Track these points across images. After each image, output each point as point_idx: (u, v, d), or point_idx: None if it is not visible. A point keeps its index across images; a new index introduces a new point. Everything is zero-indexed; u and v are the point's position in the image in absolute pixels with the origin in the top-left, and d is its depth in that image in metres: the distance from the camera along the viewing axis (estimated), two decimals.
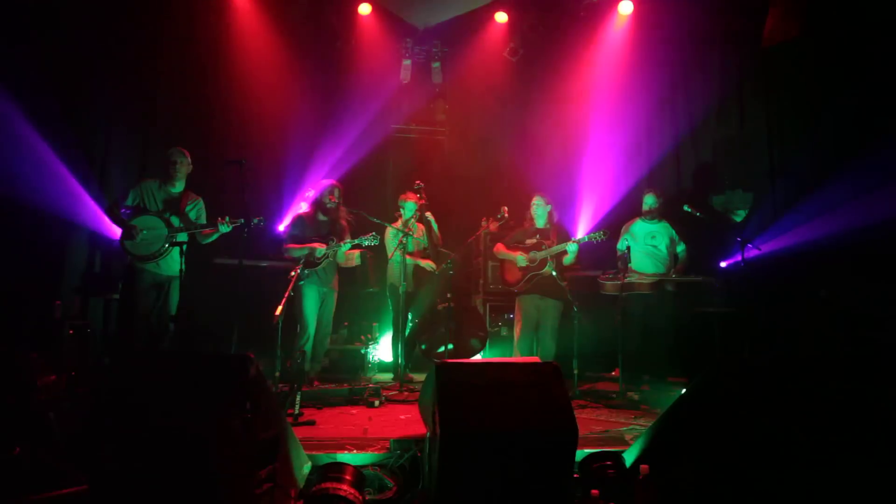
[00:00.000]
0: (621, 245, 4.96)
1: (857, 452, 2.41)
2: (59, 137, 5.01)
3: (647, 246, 4.93)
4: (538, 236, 4.91)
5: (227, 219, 4.26)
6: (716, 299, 5.07)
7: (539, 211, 4.96)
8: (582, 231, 5.84)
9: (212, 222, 4.31)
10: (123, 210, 4.28)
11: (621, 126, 6.39)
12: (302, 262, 4.52)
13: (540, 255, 4.78)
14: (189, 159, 4.55)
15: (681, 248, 5.00)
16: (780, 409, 2.54)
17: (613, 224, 5.34)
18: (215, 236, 4.42)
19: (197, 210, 4.51)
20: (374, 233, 4.74)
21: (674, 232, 5.00)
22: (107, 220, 5.20)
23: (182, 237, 4.26)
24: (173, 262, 4.19)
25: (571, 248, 4.70)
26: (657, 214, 4.99)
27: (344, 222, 5.00)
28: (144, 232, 4.17)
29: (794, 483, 2.40)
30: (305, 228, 4.88)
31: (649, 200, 4.99)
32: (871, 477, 2.35)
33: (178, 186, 4.48)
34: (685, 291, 4.91)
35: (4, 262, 4.57)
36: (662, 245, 4.94)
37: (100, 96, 5.40)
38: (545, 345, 4.83)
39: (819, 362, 2.78)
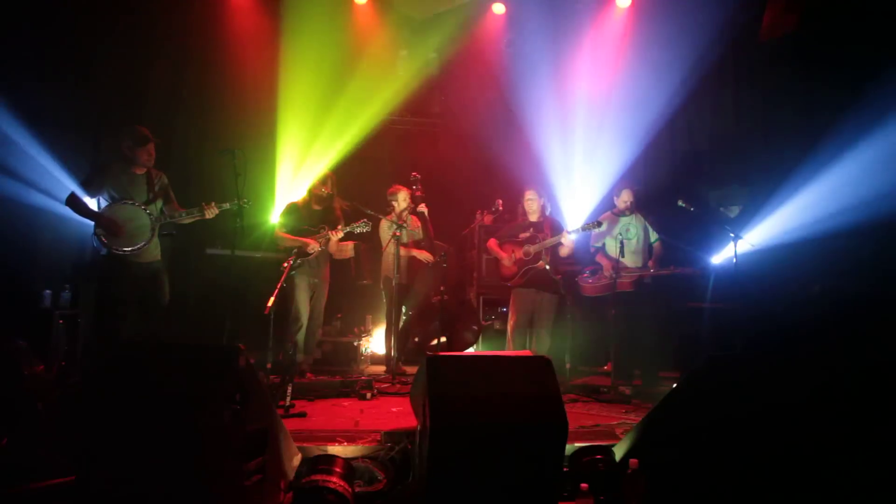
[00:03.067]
0: (597, 242, 4.97)
1: (849, 447, 2.42)
2: (49, 128, 4.97)
3: (619, 239, 4.89)
4: (532, 229, 4.90)
5: (214, 203, 4.14)
6: (706, 294, 5.08)
7: (533, 206, 4.95)
8: (579, 220, 5.83)
9: (196, 209, 4.16)
10: (98, 201, 4.02)
11: (616, 118, 6.37)
12: (294, 252, 4.50)
13: (535, 248, 4.78)
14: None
15: (654, 238, 4.99)
16: (771, 404, 2.54)
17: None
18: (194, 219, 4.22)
19: (163, 185, 4.22)
20: (364, 220, 4.72)
21: (647, 223, 4.98)
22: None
23: (167, 226, 4.16)
24: (155, 248, 4.08)
25: (568, 239, 4.68)
26: (631, 209, 4.98)
27: (339, 213, 4.96)
28: (129, 224, 3.95)
29: (785, 478, 2.41)
30: (299, 217, 4.85)
31: (625, 196, 4.92)
32: (863, 471, 2.37)
33: (143, 168, 4.14)
34: (666, 285, 4.89)
35: None
36: (637, 238, 4.92)
37: (92, 85, 5.34)
38: (541, 339, 4.79)
39: (811, 358, 2.78)
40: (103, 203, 3.98)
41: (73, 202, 3.95)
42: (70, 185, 5.04)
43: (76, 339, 4.54)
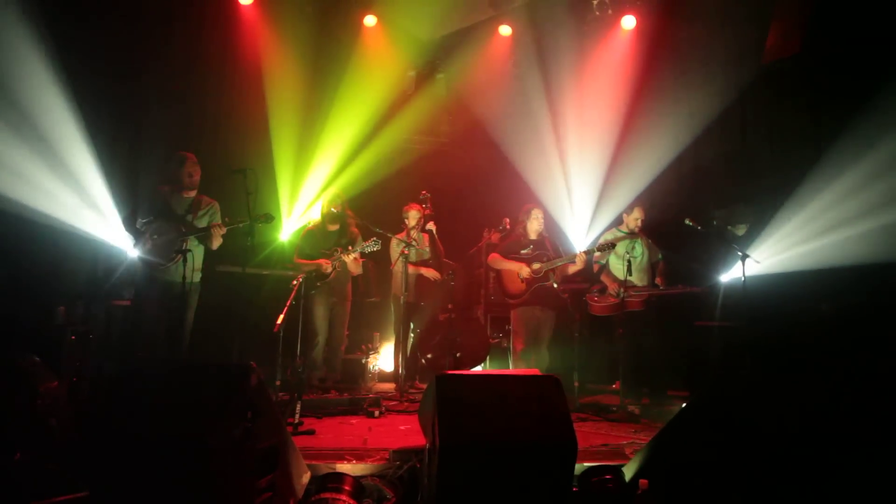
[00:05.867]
0: (601, 258, 4.99)
1: (858, 467, 2.40)
2: (61, 145, 5.06)
3: (626, 258, 4.92)
4: (532, 247, 4.96)
5: (227, 220, 4.25)
6: (715, 312, 5.07)
7: (540, 224, 5.04)
8: (585, 241, 5.87)
9: (205, 228, 4.27)
10: (141, 220, 4.31)
11: (623, 138, 6.43)
12: (314, 274, 4.57)
13: (547, 266, 4.83)
14: (197, 165, 4.51)
15: (658, 256, 5.02)
16: (781, 423, 2.54)
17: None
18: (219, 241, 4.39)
19: (211, 215, 4.45)
20: (374, 238, 4.78)
21: (650, 241, 5.02)
22: (114, 227, 5.22)
23: (193, 243, 4.26)
24: (188, 269, 4.18)
25: (581, 259, 4.76)
26: (641, 227, 5.00)
27: (354, 229, 5.03)
28: (155, 237, 4.18)
29: (796, 498, 2.40)
30: (314, 241, 4.92)
31: (636, 214, 4.98)
32: (872, 492, 2.35)
33: (192, 192, 4.46)
34: (674, 303, 4.89)
35: (6, 267, 4.60)
36: (641, 256, 4.94)
37: (105, 105, 5.44)
38: (543, 356, 4.86)
39: (820, 376, 2.77)
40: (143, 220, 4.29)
41: (129, 220, 4.35)
42: (83, 203, 5.15)
43: (88, 355, 4.58)
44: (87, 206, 5.18)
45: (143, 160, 5.69)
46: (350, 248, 4.80)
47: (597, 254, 4.88)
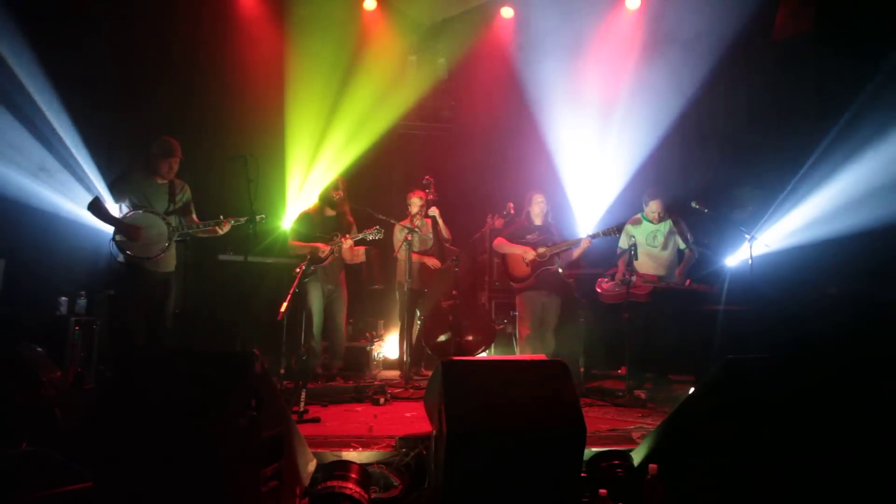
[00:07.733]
0: (623, 243, 4.93)
1: (867, 453, 2.37)
2: (62, 135, 5.02)
3: (648, 246, 4.87)
4: (537, 232, 4.96)
5: (231, 220, 4.19)
6: (721, 297, 5.02)
7: (543, 208, 5.03)
8: (589, 225, 5.82)
9: (213, 221, 4.20)
10: (125, 208, 4.15)
11: (628, 120, 6.34)
12: (307, 258, 4.51)
13: (552, 249, 4.81)
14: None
15: (683, 245, 4.95)
16: (790, 408, 2.51)
17: (619, 220, 5.30)
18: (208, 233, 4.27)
19: (186, 198, 4.30)
20: (377, 227, 4.73)
21: (676, 230, 4.94)
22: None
23: (183, 235, 4.18)
24: (171, 259, 4.12)
25: (584, 244, 4.73)
26: (661, 217, 4.92)
27: (350, 218, 4.97)
28: (146, 232, 4.03)
29: (804, 483, 2.37)
30: (311, 225, 4.86)
31: (653, 206, 4.88)
32: (882, 478, 2.32)
33: (165, 179, 4.23)
34: (685, 292, 4.84)
35: (10, 258, 4.58)
36: (664, 245, 4.88)
37: (104, 93, 5.39)
38: (548, 341, 4.85)
39: (829, 361, 2.74)
40: (125, 210, 4.06)
41: (96, 207, 4.01)
42: (85, 193, 5.11)
43: (92, 346, 4.57)
44: (88, 197, 5.13)
45: (138, 150, 5.64)
46: (350, 234, 4.76)
47: (602, 237, 4.83)
